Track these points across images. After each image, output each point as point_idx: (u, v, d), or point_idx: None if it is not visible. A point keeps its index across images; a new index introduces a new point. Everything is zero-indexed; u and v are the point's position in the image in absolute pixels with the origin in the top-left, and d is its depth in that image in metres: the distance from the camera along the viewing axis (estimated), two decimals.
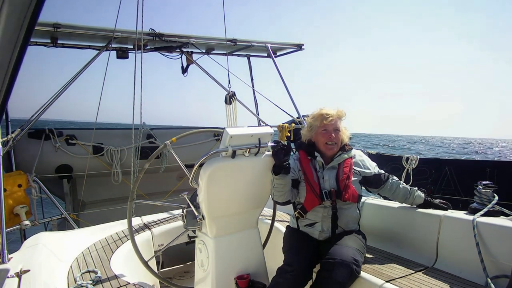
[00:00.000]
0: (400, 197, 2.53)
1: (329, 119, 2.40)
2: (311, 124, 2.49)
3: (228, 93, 5.26)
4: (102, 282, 2.20)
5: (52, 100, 4.35)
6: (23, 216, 3.81)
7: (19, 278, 1.99)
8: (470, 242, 2.11)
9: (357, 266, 2.09)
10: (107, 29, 4.34)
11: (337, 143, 2.41)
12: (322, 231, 2.35)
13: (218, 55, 5.59)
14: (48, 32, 4.12)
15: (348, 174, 2.37)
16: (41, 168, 4.65)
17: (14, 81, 0.83)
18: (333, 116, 2.41)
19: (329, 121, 2.39)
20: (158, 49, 5.04)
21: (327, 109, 2.46)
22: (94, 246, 2.77)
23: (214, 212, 2.26)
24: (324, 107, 2.49)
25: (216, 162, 2.14)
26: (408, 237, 2.55)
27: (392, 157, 4.94)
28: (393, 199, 2.62)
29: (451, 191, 4.44)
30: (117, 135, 5.42)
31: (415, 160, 3.83)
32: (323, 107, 2.49)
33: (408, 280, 2.12)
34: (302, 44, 5.90)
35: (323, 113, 2.43)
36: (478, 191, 2.36)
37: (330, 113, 2.42)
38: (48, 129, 4.93)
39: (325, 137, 2.40)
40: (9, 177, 3.89)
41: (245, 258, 2.43)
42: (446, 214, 2.37)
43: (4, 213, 2.26)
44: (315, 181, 2.36)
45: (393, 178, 2.54)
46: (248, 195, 2.37)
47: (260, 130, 2.25)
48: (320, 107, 2.50)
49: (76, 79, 4.47)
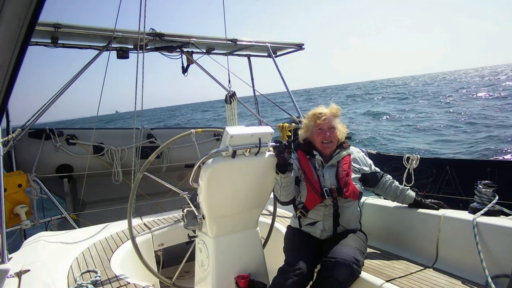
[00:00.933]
0: (391, 195, 2.56)
1: (322, 118, 2.40)
2: (307, 124, 2.51)
3: (228, 92, 5.26)
4: (102, 282, 2.20)
5: (53, 100, 4.35)
6: (23, 216, 3.82)
7: (19, 278, 1.99)
8: (470, 241, 2.11)
9: (358, 266, 2.09)
10: (108, 29, 4.34)
11: (333, 141, 2.42)
12: (324, 230, 2.36)
13: (218, 55, 5.59)
14: (49, 32, 4.12)
15: (347, 171, 2.38)
16: (42, 168, 4.66)
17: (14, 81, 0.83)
18: (326, 115, 2.41)
19: (322, 120, 2.40)
20: (159, 49, 5.05)
21: (320, 108, 2.47)
22: (94, 246, 2.77)
23: (215, 212, 2.26)
24: (319, 106, 2.50)
25: (217, 162, 2.14)
26: (408, 237, 2.55)
27: (392, 156, 4.93)
28: (385, 198, 2.65)
29: (451, 190, 4.43)
30: (118, 135, 5.43)
31: (416, 159, 3.82)
32: (317, 107, 2.50)
33: (408, 280, 2.12)
34: (302, 44, 5.91)
35: (316, 112, 2.44)
36: (478, 190, 2.36)
37: (323, 112, 2.42)
38: (49, 129, 4.94)
39: (320, 136, 2.41)
40: (10, 177, 3.90)
41: (245, 258, 2.43)
42: (446, 214, 2.37)
43: (4, 213, 2.26)
44: (315, 179, 2.36)
45: (387, 176, 2.56)
46: (249, 195, 2.37)
47: (260, 130, 2.25)
48: (315, 107, 2.51)
49: (77, 79, 4.47)
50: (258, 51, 5.91)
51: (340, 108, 2.50)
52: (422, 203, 2.52)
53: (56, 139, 4.94)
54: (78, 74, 4.46)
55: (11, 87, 0.84)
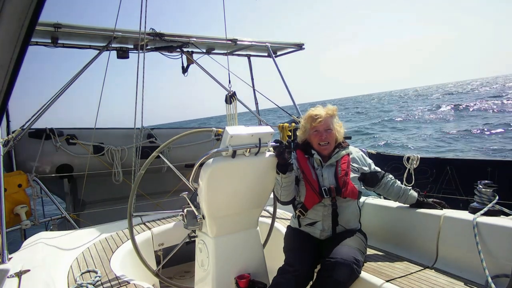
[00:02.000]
0: (393, 195, 2.55)
1: (318, 120, 2.39)
2: (304, 126, 2.51)
3: (228, 92, 5.26)
4: (102, 282, 2.20)
5: (53, 100, 4.35)
6: (23, 216, 3.82)
7: (19, 278, 1.99)
8: (470, 241, 2.11)
9: (358, 266, 2.09)
10: (108, 29, 4.34)
11: (330, 143, 2.41)
12: (323, 230, 2.36)
13: (218, 54, 5.59)
14: (49, 32, 4.13)
15: (346, 171, 2.38)
16: (42, 168, 4.66)
17: (14, 81, 0.83)
18: (321, 117, 2.40)
19: (318, 122, 2.39)
20: (159, 49, 5.05)
21: (316, 110, 2.46)
22: (94, 246, 2.77)
23: (215, 212, 2.26)
24: (315, 108, 2.49)
25: (217, 162, 2.14)
26: (408, 237, 2.55)
27: (392, 156, 4.94)
28: (387, 198, 2.64)
29: (452, 190, 4.44)
30: (118, 135, 5.43)
31: (416, 159, 3.83)
32: (313, 108, 2.49)
33: (408, 280, 2.12)
34: (303, 44, 5.91)
35: (312, 114, 2.44)
36: (479, 190, 2.36)
37: (319, 114, 2.41)
38: (49, 129, 4.94)
39: (317, 137, 2.40)
40: (10, 177, 3.90)
41: (245, 258, 2.43)
42: (446, 213, 2.37)
43: (4, 213, 2.27)
44: (314, 178, 2.36)
45: (389, 176, 2.56)
46: (249, 195, 2.37)
47: (260, 130, 2.25)
48: (311, 108, 2.50)
49: (77, 79, 4.47)
50: (258, 51, 5.92)
51: (336, 108, 2.48)
52: (425, 202, 2.52)
53: (56, 139, 4.94)
54: (78, 74, 4.46)
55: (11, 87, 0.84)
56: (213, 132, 2.58)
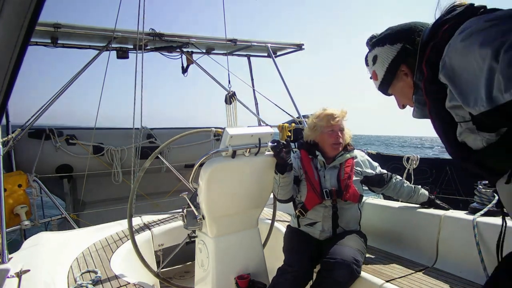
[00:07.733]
0: (405, 195, 2.54)
1: (336, 120, 2.39)
2: (316, 124, 2.45)
3: (228, 93, 5.26)
4: (102, 282, 2.20)
5: (53, 100, 4.36)
6: (23, 216, 3.82)
7: (19, 278, 1.99)
8: (470, 242, 2.11)
9: (358, 266, 2.09)
10: (107, 29, 4.35)
11: (342, 143, 2.42)
12: (323, 230, 2.36)
13: (218, 55, 5.60)
14: (48, 32, 4.13)
15: (349, 174, 2.38)
16: (41, 168, 4.66)
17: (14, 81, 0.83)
18: (339, 117, 2.40)
19: (336, 121, 2.39)
20: (158, 49, 5.05)
21: (332, 109, 2.44)
22: (94, 246, 2.76)
23: (214, 212, 2.26)
24: (328, 107, 2.47)
25: (216, 162, 2.14)
26: (408, 237, 2.55)
27: (392, 157, 4.94)
28: (397, 198, 2.62)
29: (451, 191, 4.44)
30: (117, 135, 5.43)
31: (416, 160, 3.83)
32: (326, 107, 2.47)
33: (408, 280, 2.12)
34: (302, 44, 5.91)
35: (329, 113, 2.41)
36: (478, 190, 2.36)
37: (337, 114, 2.41)
38: (49, 129, 4.95)
39: (332, 137, 2.38)
40: (9, 177, 3.90)
41: (245, 258, 2.43)
42: (446, 214, 2.38)
43: (4, 213, 2.26)
44: (316, 179, 2.36)
45: (397, 177, 2.55)
46: (248, 195, 2.37)
47: (260, 130, 2.25)
48: (323, 107, 2.49)
49: (77, 79, 4.47)
50: (258, 51, 5.91)
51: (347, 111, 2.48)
52: (435, 202, 2.52)
53: (56, 139, 4.94)
54: (78, 74, 4.47)
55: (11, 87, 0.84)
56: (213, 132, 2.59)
